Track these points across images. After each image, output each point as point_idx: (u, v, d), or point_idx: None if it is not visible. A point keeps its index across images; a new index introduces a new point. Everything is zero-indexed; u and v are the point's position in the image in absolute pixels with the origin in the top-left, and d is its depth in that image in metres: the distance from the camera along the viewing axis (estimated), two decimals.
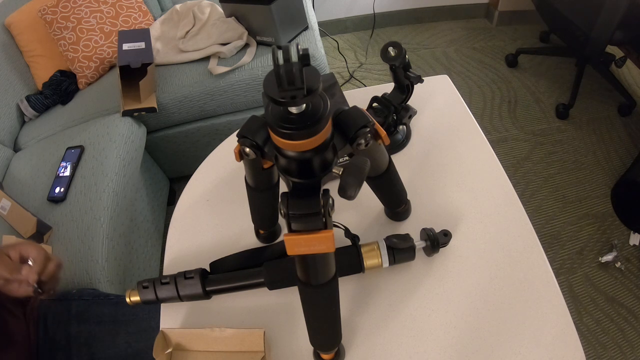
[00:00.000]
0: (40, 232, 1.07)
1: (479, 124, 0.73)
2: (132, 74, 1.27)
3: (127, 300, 0.53)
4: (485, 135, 0.71)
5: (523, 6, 2.31)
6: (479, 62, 2.21)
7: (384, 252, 0.53)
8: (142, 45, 1.33)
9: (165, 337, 0.52)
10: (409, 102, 0.70)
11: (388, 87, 0.75)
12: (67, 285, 0.99)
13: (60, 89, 1.55)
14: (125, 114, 1.34)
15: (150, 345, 0.48)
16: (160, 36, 1.59)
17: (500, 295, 0.53)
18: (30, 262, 0.61)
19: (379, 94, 0.71)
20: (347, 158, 0.62)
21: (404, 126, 0.72)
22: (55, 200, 1.15)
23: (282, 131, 0.31)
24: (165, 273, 0.59)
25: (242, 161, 0.42)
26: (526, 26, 2.40)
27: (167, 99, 1.40)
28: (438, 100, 0.78)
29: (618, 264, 1.40)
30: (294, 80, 0.28)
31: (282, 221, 0.63)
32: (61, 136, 1.38)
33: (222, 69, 1.38)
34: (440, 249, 0.55)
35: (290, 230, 0.34)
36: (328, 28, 2.40)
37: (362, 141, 0.37)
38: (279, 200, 0.34)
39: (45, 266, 0.63)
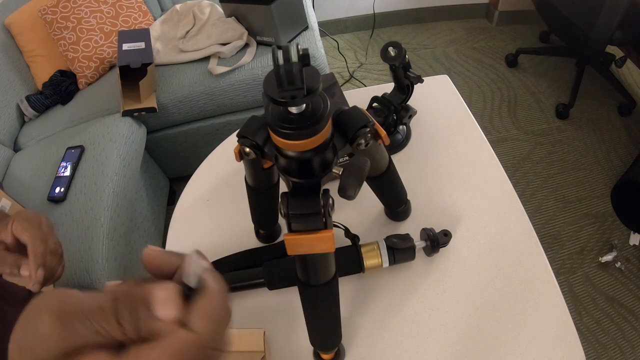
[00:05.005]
0: None
1: (479, 124, 0.73)
2: (132, 74, 1.27)
3: None
4: (485, 135, 0.71)
5: (523, 6, 2.31)
6: (479, 62, 2.21)
7: (384, 252, 0.53)
8: (142, 45, 1.33)
9: None
10: (409, 102, 0.70)
11: (388, 87, 0.75)
12: (67, 285, 0.99)
13: (60, 89, 1.55)
14: (125, 114, 1.34)
15: None
16: (160, 36, 1.59)
17: (500, 295, 0.53)
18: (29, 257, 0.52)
19: (379, 94, 0.71)
20: (347, 158, 0.62)
21: (404, 126, 0.72)
22: (55, 200, 1.15)
23: (282, 131, 0.31)
24: None
25: (242, 161, 0.42)
26: (526, 26, 2.40)
27: (167, 99, 1.40)
28: (438, 100, 0.78)
29: (618, 264, 1.40)
30: (294, 80, 0.28)
31: (282, 221, 0.63)
32: (61, 136, 1.38)
33: (222, 69, 1.38)
34: (440, 249, 0.55)
35: (291, 230, 0.34)
36: (328, 28, 2.40)
37: (362, 141, 0.37)
38: (279, 200, 0.34)
39: (45, 256, 0.53)
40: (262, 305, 0.56)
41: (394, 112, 0.68)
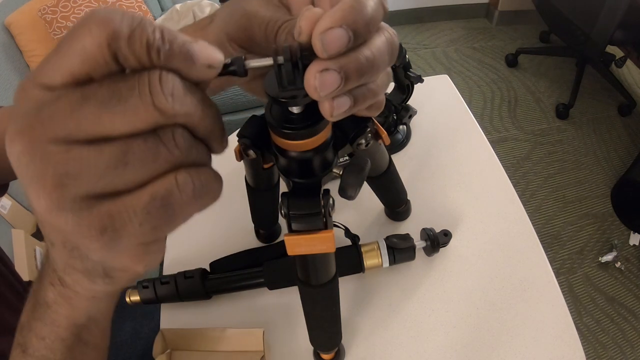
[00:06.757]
0: (41, 232, 1.07)
1: (479, 124, 0.73)
2: None
3: (127, 299, 0.53)
4: (485, 135, 0.71)
5: (523, 6, 2.31)
6: (479, 62, 2.21)
7: (384, 252, 0.53)
8: None
9: (165, 337, 0.52)
10: (409, 102, 0.70)
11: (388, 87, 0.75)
12: None
13: None
14: None
15: (154, 329, 0.48)
16: None
17: (500, 295, 0.53)
18: None
19: None
20: (347, 158, 0.62)
21: (404, 126, 0.72)
22: None
23: (283, 131, 0.31)
24: (165, 273, 0.59)
25: (242, 161, 0.42)
26: (526, 26, 2.40)
27: None
28: (438, 100, 0.78)
29: (618, 264, 1.40)
30: (294, 80, 0.28)
31: (282, 221, 0.63)
32: None
33: None
34: (440, 249, 0.55)
35: (291, 231, 0.34)
36: None
37: (363, 141, 0.37)
38: (279, 200, 0.34)
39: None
40: (262, 305, 0.56)
41: (394, 112, 0.68)
